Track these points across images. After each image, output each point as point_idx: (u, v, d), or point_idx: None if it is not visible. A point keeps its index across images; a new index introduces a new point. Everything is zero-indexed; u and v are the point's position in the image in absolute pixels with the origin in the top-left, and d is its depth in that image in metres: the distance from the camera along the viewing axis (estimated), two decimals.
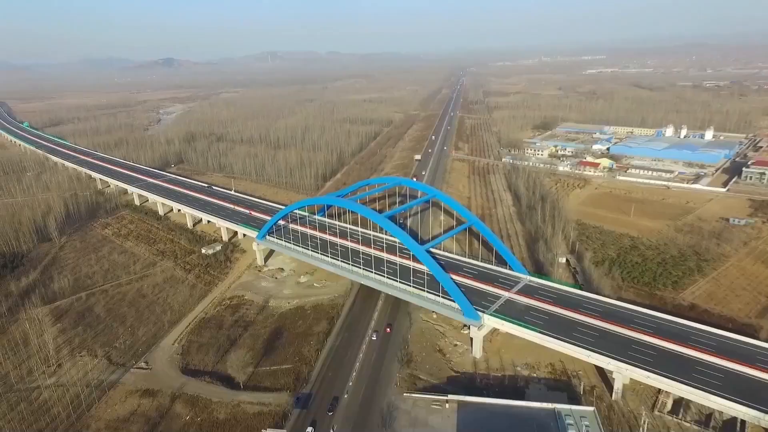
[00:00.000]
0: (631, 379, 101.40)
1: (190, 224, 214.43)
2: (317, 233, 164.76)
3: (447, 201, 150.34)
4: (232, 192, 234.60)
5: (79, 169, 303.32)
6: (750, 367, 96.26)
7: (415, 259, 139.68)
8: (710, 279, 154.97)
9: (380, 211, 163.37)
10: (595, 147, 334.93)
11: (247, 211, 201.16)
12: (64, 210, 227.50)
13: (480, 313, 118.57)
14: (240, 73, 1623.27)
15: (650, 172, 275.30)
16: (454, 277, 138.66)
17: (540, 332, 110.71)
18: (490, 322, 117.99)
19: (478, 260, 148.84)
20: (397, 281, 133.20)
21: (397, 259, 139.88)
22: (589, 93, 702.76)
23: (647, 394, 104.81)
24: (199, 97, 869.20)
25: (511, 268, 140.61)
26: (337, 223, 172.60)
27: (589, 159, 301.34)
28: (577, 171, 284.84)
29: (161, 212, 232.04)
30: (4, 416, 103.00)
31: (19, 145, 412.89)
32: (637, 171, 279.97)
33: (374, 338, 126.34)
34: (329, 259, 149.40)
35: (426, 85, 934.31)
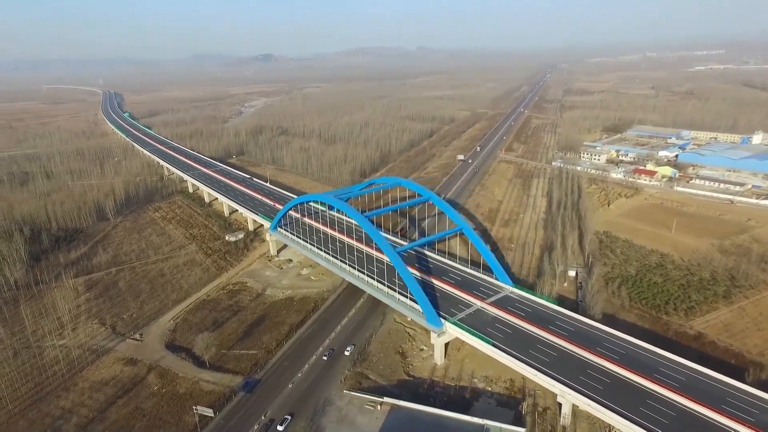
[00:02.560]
0: None
1: (226, 212, 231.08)
2: (323, 228, 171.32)
3: (440, 205, 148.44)
4: (267, 184, 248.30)
5: (152, 156, 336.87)
6: (710, 409, 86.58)
7: None
8: (735, 308, 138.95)
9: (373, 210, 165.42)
10: (662, 153, 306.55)
11: (273, 204, 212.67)
12: (125, 193, 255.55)
13: (442, 320, 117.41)
14: (328, 69, 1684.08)
15: (717, 184, 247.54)
16: (435, 281, 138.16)
17: (493, 345, 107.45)
18: (451, 329, 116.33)
19: (468, 266, 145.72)
20: (374, 279, 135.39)
21: (384, 258, 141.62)
22: (684, 93, 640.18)
23: (603, 423, 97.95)
24: (283, 91, 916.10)
25: (496, 278, 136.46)
26: (343, 218, 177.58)
27: (650, 166, 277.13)
28: (630, 179, 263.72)
29: (207, 200, 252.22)
30: (14, 369, 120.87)
31: (116, 133, 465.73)
32: (702, 182, 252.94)
33: None
34: (322, 254, 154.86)
35: (506, 82, 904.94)
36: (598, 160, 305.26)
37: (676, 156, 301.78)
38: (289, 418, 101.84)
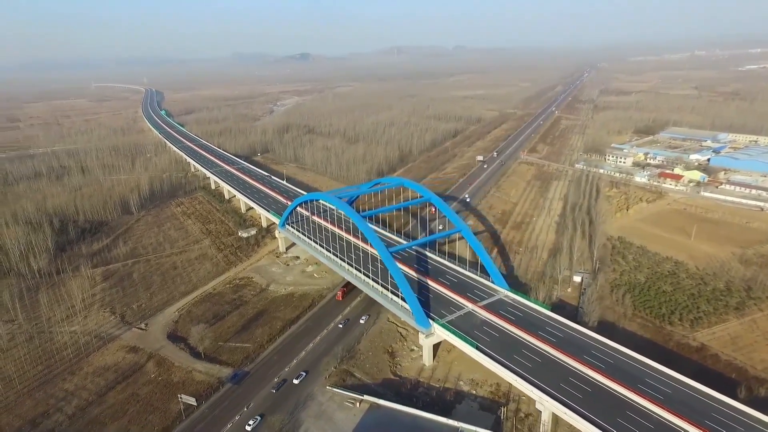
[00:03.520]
0: None
1: (243, 209, 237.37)
2: (329, 226, 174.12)
3: (439, 205, 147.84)
4: (283, 182, 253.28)
5: (180, 153, 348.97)
6: (691, 424, 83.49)
7: (396, 259, 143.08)
8: (747, 321, 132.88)
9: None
10: (693, 157, 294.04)
11: (286, 201, 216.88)
12: (151, 188, 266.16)
13: (431, 321, 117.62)
14: (363, 68, 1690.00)
15: (748, 190, 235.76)
16: (431, 282, 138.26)
17: (476, 348, 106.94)
18: (439, 331, 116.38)
19: (466, 268, 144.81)
20: (369, 277, 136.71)
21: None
22: (729, 93, 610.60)
23: None
24: (316, 90, 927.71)
25: (492, 281, 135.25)
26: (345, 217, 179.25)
27: (677, 170, 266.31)
28: (655, 183, 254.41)
29: (227, 196, 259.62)
30: (27, 353, 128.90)
31: (152, 130, 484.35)
32: (732, 188, 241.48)
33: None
34: (323, 251, 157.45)
35: (541, 82, 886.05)
36: (624, 162, 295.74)
37: (708, 160, 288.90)
38: (304, 374, 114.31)
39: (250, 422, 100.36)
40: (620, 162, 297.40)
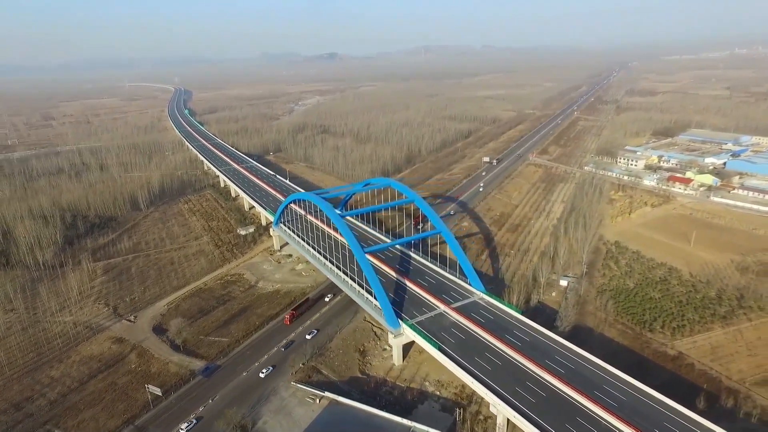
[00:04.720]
0: None
1: (246, 207, 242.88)
2: (321, 225, 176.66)
3: (422, 206, 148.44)
4: (286, 181, 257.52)
5: (194, 152, 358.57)
6: None
7: (379, 259, 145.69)
8: (732, 330, 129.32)
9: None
10: (708, 160, 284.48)
11: None
12: (162, 186, 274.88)
13: (400, 322, 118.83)
14: (388, 68, 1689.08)
15: (762, 196, 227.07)
16: (408, 283, 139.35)
17: (439, 348, 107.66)
18: (407, 331, 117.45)
19: (446, 269, 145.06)
20: (347, 276, 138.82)
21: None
22: (763, 93, 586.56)
23: None
24: (338, 90, 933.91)
25: (469, 283, 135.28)
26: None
27: (689, 174, 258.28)
28: (663, 186, 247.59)
29: (233, 194, 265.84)
30: (22, 341, 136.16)
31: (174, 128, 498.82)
32: (745, 193, 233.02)
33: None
34: (310, 249, 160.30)
35: (565, 81, 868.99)
36: (635, 165, 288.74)
37: (724, 163, 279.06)
38: (315, 332, 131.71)
39: (263, 370, 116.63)
40: (631, 165, 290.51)
